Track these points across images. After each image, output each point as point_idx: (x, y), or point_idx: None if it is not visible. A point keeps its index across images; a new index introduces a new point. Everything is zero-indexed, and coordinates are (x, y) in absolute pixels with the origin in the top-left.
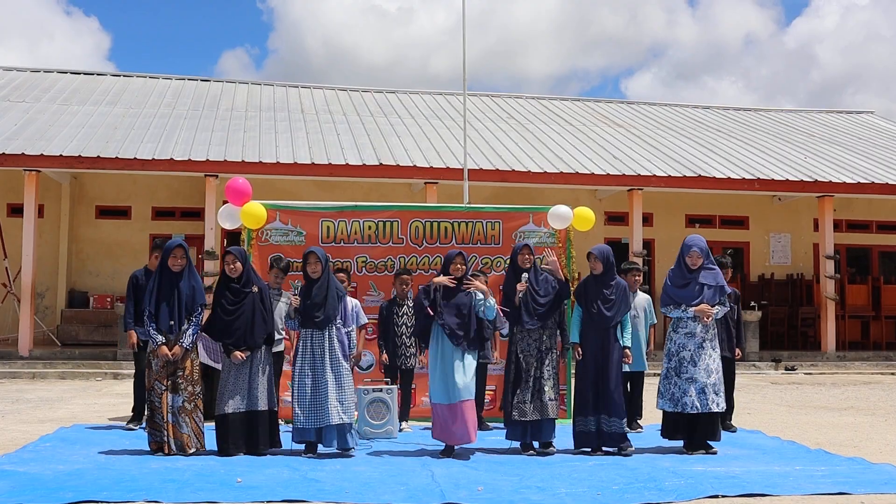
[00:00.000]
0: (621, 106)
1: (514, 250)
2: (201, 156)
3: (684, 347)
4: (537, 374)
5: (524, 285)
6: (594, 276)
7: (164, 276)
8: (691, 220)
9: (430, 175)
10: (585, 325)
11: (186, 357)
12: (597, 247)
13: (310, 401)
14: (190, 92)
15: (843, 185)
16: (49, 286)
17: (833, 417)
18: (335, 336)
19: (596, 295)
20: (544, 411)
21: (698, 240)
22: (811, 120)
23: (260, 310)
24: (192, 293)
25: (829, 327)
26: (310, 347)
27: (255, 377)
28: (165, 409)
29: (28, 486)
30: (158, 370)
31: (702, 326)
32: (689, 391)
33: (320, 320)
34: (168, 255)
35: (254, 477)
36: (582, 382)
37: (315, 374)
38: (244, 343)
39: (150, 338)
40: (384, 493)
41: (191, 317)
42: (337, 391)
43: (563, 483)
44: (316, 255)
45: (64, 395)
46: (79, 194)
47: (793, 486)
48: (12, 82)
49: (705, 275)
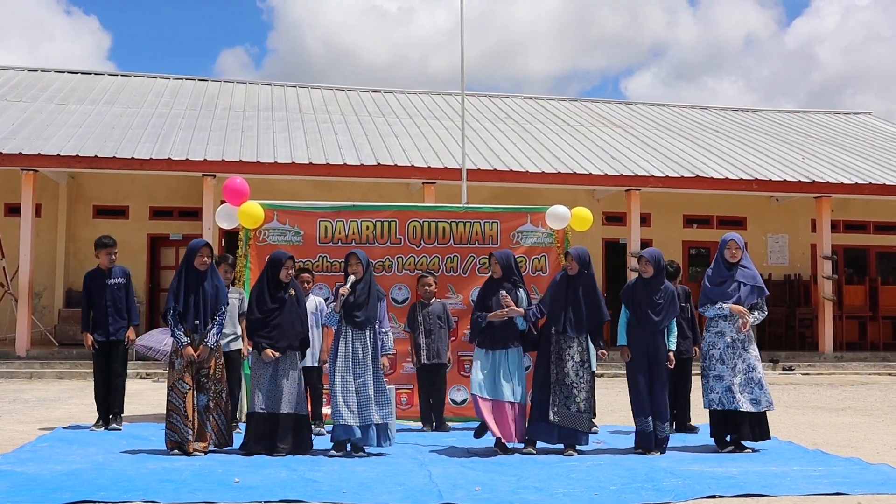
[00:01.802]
0: (619, 106)
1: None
2: (199, 155)
3: (714, 346)
4: (569, 381)
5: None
6: (643, 279)
7: (189, 276)
8: (689, 221)
9: (427, 175)
10: (633, 328)
11: (211, 356)
12: (648, 250)
13: (354, 400)
14: (188, 91)
15: (840, 185)
16: (46, 286)
17: (830, 418)
18: (373, 336)
19: (645, 299)
20: (577, 422)
21: (735, 235)
22: (809, 121)
23: (297, 312)
24: (216, 293)
25: (827, 328)
26: (350, 346)
27: (281, 379)
28: (191, 408)
29: (25, 487)
30: (181, 369)
31: (734, 327)
32: (716, 388)
33: (361, 320)
34: (195, 254)
35: (252, 477)
36: (635, 385)
37: (356, 373)
38: (278, 345)
39: (175, 338)
40: (382, 493)
41: (215, 316)
42: (377, 391)
43: (561, 483)
44: (357, 257)
45: (61, 395)
46: (76, 194)
47: (790, 487)
48: (10, 81)
49: (742, 273)
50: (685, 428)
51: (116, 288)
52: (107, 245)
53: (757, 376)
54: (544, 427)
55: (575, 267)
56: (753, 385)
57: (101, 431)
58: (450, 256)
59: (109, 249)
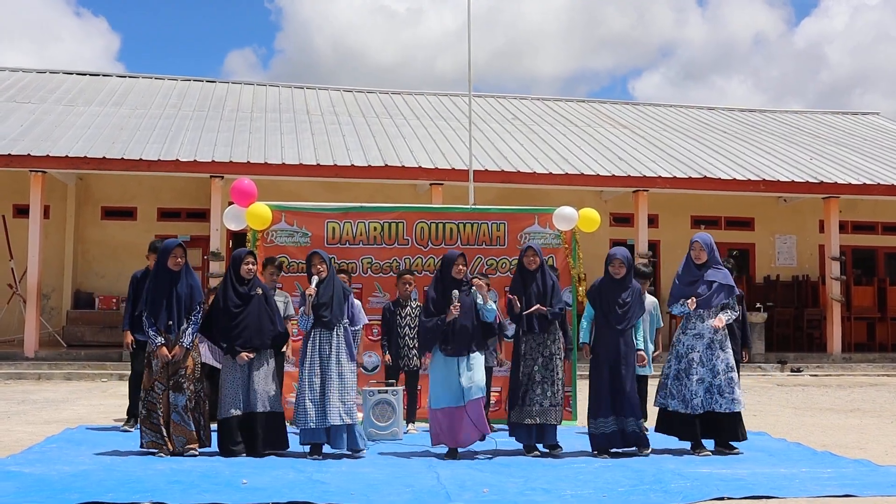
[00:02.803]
0: (626, 107)
1: (520, 252)
2: (207, 157)
3: (693, 349)
4: (540, 377)
5: (457, 307)
6: (611, 279)
7: (161, 276)
8: (697, 222)
9: (435, 176)
10: (600, 327)
11: (187, 356)
12: (619, 250)
13: (318, 401)
14: (195, 93)
15: (848, 186)
16: (55, 287)
17: (839, 419)
18: (342, 336)
19: (612, 298)
20: (547, 416)
21: (703, 235)
22: (817, 121)
23: (266, 310)
24: (191, 292)
25: (835, 329)
26: (318, 347)
27: (255, 379)
28: (167, 409)
29: (34, 488)
30: (158, 370)
31: (709, 327)
32: (698, 392)
33: (328, 319)
34: (168, 255)
35: (259, 478)
36: (597, 385)
37: (322, 373)
38: (251, 344)
39: (150, 339)
40: (389, 494)
41: (190, 316)
42: (340, 392)
43: (569, 485)
44: (320, 256)
45: (69, 396)
46: (84, 195)
47: (799, 488)
48: (18, 83)
49: (713, 273)
50: None
51: None
52: (157, 249)
53: (735, 376)
54: (524, 429)
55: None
56: (733, 385)
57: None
58: None
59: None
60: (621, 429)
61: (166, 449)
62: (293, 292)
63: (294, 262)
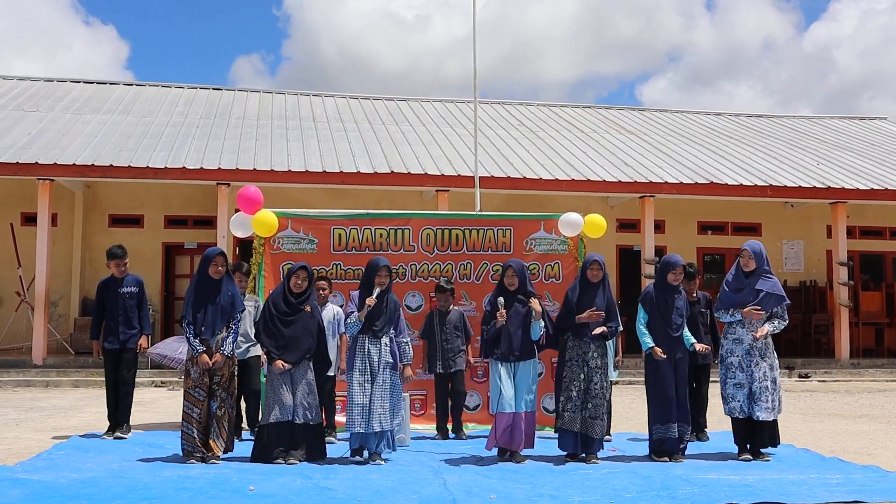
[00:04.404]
0: (633, 113)
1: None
2: (213, 164)
3: (732, 353)
4: (586, 387)
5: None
6: (669, 286)
7: (203, 284)
8: (703, 227)
9: (441, 183)
10: (658, 333)
11: (226, 364)
12: (675, 257)
13: (367, 406)
14: (202, 100)
15: (855, 191)
16: (62, 294)
17: (847, 425)
18: (389, 345)
19: (670, 305)
20: (591, 428)
21: (753, 243)
22: (824, 126)
23: (308, 328)
24: (231, 300)
25: (843, 334)
26: (367, 356)
27: (296, 389)
28: (206, 416)
29: (42, 495)
30: (198, 378)
31: (749, 335)
32: (737, 396)
33: (379, 329)
34: (209, 263)
35: (267, 485)
36: (662, 390)
37: (373, 381)
38: (294, 355)
39: (191, 345)
40: (397, 501)
41: (230, 324)
42: (382, 399)
43: (576, 491)
44: (388, 269)
45: (77, 403)
46: (92, 203)
47: (807, 494)
48: (26, 91)
49: (762, 282)
50: (700, 436)
51: (128, 296)
52: (116, 255)
53: (776, 384)
54: (571, 437)
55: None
56: (772, 392)
57: (111, 440)
58: (463, 263)
59: (119, 260)
60: (680, 436)
61: (198, 456)
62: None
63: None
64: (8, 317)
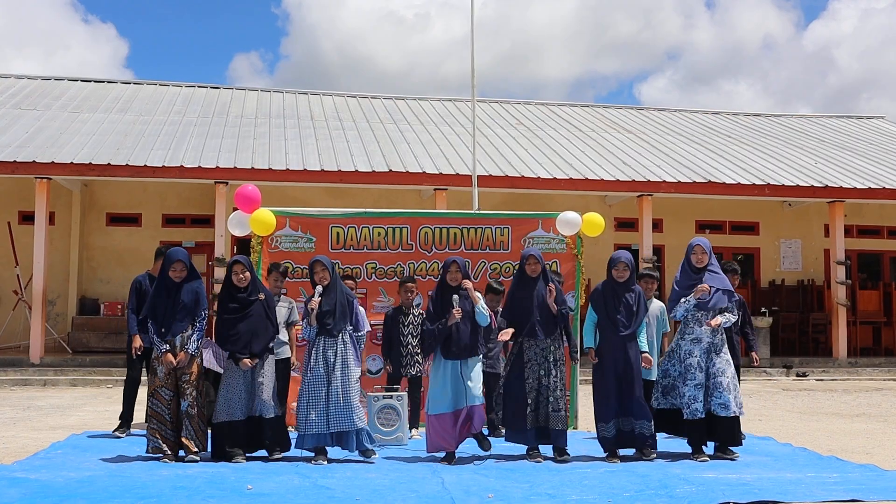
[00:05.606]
0: (631, 112)
1: (521, 258)
2: (211, 163)
3: (691, 354)
4: (545, 383)
5: (459, 312)
6: (615, 282)
7: (165, 284)
8: (701, 226)
9: (439, 181)
10: (604, 331)
11: (192, 362)
12: (622, 253)
13: (324, 406)
14: (200, 99)
15: (853, 190)
16: (60, 293)
17: (845, 424)
18: (348, 342)
19: (615, 302)
20: (555, 421)
21: (702, 239)
22: (822, 125)
23: (264, 317)
24: (196, 298)
25: (841, 333)
26: (322, 354)
27: (257, 384)
28: (175, 414)
29: (39, 494)
30: (164, 377)
31: (708, 332)
32: (697, 397)
33: (331, 327)
34: (168, 266)
35: (265, 484)
36: (603, 389)
37: (327, 381)
38: (249, 350)
39: (155, 345)
40: (395, 500)
41: (194, 323)
42: (346, 397)
43: (574, 490)
44: (322, 263)
45: (75, 402)
46: (89, 202)
47: (805, 493)
48: (23, 90)
49: (710, 277)
50: None
51: None
52: (162, 254)
53: (734, 381)
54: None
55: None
56: (733, 390)
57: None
58: None
59: None
60: (630, 430)
61: (171, 455)
62: (298, 298)
63: (299, 268)
64: (5, 316)
